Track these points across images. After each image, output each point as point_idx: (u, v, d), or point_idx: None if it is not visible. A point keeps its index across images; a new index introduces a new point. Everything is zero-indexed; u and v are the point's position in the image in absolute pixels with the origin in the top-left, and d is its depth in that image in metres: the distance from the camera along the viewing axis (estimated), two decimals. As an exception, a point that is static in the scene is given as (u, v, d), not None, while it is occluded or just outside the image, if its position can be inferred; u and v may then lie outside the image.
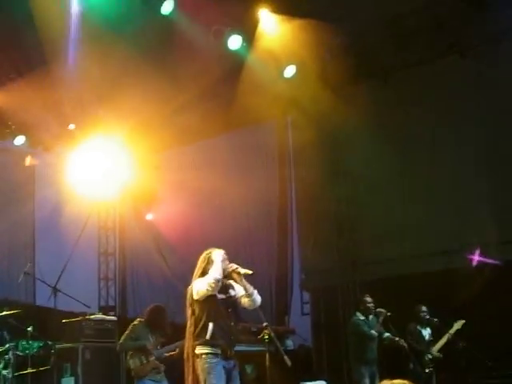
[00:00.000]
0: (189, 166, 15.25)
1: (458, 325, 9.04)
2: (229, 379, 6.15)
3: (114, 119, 15.13)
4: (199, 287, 6.14)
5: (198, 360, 6.09)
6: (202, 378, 6.04)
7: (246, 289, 6.21)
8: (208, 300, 6.14)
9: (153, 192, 15.71)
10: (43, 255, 14.35)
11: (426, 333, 9.25)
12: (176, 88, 12.39)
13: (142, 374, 7.89)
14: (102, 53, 11.36)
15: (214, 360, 6.05)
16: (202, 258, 6.35)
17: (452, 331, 9.03)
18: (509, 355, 10.79)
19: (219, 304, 6.18)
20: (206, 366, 6.03)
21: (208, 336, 6.06)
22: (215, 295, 6.17)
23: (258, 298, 6.31)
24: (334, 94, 12.26)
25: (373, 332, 8.78)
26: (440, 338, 9.13)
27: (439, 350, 9.15)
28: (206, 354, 6.06)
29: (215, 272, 6.11)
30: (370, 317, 9.04)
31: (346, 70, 12.30)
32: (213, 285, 6.07)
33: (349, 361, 9.07)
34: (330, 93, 12.18)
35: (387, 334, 8.93)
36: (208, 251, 6.36)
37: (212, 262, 6.22)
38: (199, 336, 6.11)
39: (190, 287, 6.26)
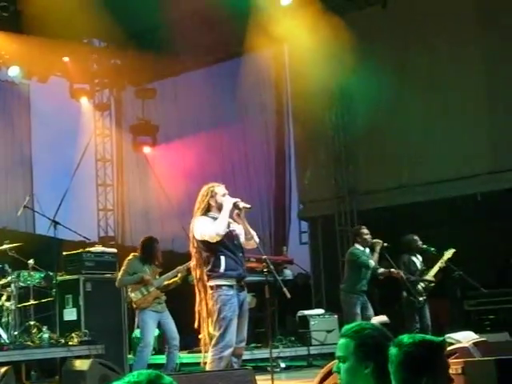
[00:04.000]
0: (184, 96, 15.15)
1: (448, 253, 9.07)
2: (240, 311, 5.98)
3: (109, 49, 14.97)
4: (204, 232, 5.95)
5: (212, 292, 5.94)
6: (215, 309, 5.90)
7: (246, 232, 6.08)
8: None
9: (150, 124, 15.62)
10: (41, 188, 14.34)
11: (418, 262, 9.30)
12: (169, 18, 12.21)
13: (145, 305, 7.87)
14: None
15: (230, 292, 5.93)
16: (203, 192, 6.11)
17: (444, 259, 9.06)
18: (502, 282, 10.99)
19: (226, 238, 6.01)
20: (222, 297, 5.90)
21: (222, 269, 5.92)
22: None
23: (257, 239, 6.23)
24: (332, 21, 12.06)
25: (371, 262, 8.83)
26: (433, 265, 9.18)
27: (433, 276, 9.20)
28: (221, 285, 5.92)
29: (223, 223, 5.89)
30: (367, 249, 9.08)
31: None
32: (219, 236, 5.89)
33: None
34: (327, 20, 11.98)
35: (382, 270, 8.95)
36: (210, 185, 6.13)
37: (215, 194, 6.03)
38: (212, 271, 5.96)
39: (193, 221, 6.06)
